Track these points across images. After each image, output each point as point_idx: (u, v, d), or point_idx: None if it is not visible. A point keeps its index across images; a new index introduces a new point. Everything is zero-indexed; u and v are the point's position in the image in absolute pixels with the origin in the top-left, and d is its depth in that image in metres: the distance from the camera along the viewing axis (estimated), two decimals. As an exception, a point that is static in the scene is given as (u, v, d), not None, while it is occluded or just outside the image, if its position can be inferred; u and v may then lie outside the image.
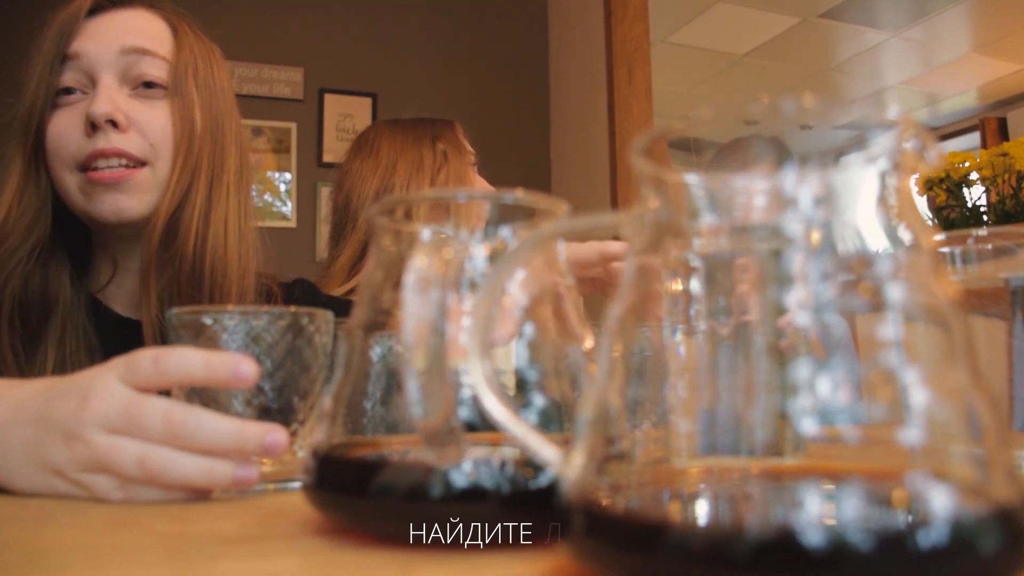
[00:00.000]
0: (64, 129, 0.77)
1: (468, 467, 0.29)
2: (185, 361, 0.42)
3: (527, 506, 0.29)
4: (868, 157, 0.22)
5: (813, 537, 0.18)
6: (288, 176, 2.79)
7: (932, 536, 0.18)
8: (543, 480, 0.29)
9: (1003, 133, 4.88)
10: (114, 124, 0.76)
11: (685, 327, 0.25)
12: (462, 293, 0.31)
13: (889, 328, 0.21)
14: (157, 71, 0.81)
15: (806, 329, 0.21)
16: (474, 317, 0.28)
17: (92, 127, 0.76)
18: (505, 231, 0.33)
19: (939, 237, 0.49)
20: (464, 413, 0.29)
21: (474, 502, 0.28)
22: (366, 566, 0.27)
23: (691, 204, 0.24)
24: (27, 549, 0.30)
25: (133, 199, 0.78)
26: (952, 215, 1.75)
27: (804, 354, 0.20)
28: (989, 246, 0.48)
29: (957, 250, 0.49)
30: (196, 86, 0.83)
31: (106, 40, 0.79)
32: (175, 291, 0.77)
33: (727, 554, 0.18)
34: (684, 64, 4.33)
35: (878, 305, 0.21)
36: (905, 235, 0.22)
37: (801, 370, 0.20)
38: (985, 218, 1.77)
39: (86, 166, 0.76)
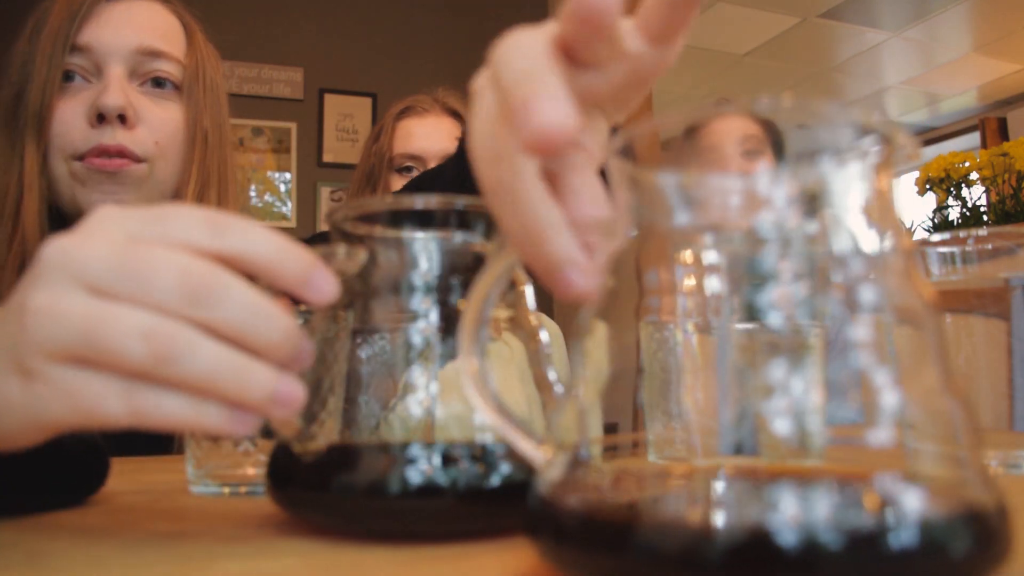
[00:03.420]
0: (69, 117, 0.75)
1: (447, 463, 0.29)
2: (252, 237, 0.29)
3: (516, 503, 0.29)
4: (844, 157, 0.22)
5: (785, 538, 0.18)
6: (288, 176, 2.79)
7: (904, 537, 0.18)
8: (526, 478, 0.29)
9: (1003, 133, 4.88)
10: (122, 119, 0.74)
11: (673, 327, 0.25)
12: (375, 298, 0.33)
13: (863, 329, 0.21)
14: (169, 71, 0.79)
15: (778, 330, 0.21)
16: (466, 316, 0.28)
17: (99, 118, 0.74)
18: (459, 236, 0.34)
19: (939, 237, 0.49)
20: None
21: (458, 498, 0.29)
22: (366, 566, 0.27)
23: (668, 204, 0.24)
24: (27, 549, 0.30)
25: (128, 193, 0.76)
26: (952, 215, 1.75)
27: (776, 355, 0.20)
28: (989, 246, 0.48)
29: (957, 250, 0.49)
30: (204, 90, 0.81)
31: (121, 33, 0.76)
32: None
33: (697, 558, 0.18)
34: (684, 64, 4.33)
35: (853, 306, 0.21)
36: (882, 235, 0.22)
37: (774, 371, 0.20)
38: (985, 218, 1.77)
39: (83, 157, 0.74)
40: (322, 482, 0.31)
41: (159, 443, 0.71)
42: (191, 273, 0.27)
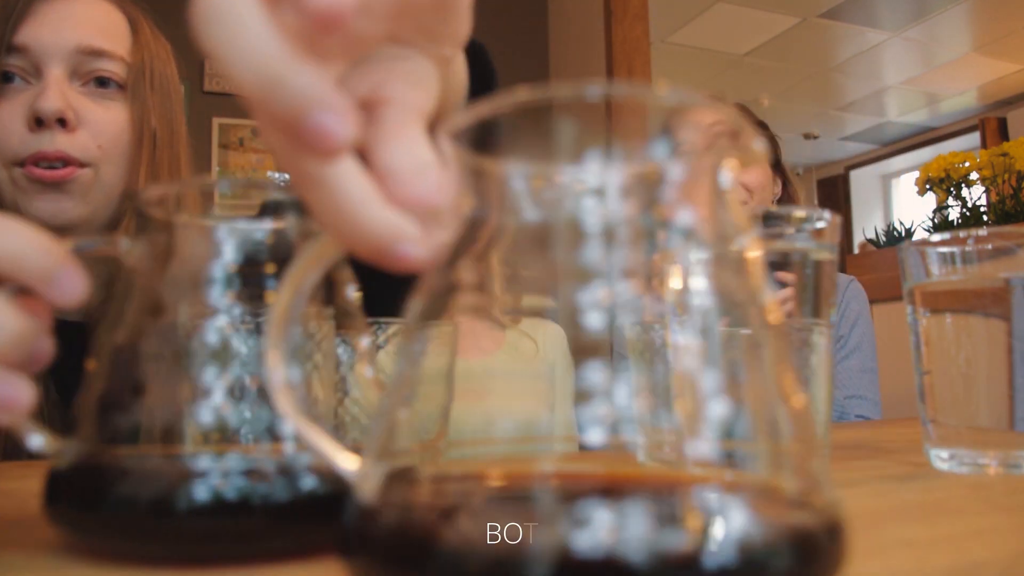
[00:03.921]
0: (7, 122, 0.71)
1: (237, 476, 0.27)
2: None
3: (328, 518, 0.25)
4: (681, 148, 0.21)
5: (590, 556, 0.17)
6: (288, 176, 2.79)
7: (719, 557, 0.17)
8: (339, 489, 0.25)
9: (1003, 133, 4.88)
10: (62, 122, 0.71)
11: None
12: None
13: (690, 334, 0.20)
14: (113, 69, 0.75)
15: (598, 331, 0.19)
16: (274, 311, 0.25)
17: (37, 122, 0.70)
18: (269, 222, 0.30)
19: (939, 237, 0.49)
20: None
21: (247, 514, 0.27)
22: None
23: (508, 199, 0.22)
24: (27, 549, 0.30)
25: (73, 201, 0.72)
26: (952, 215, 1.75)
27: (602, 360, 0.19)
28: (989, 246, 0.48)
29: (957, 250, 0.49)
30: (151, 87, 0.77)
31: (60, 32, 0.72)
32: None
33: (499, 574, 0.17)
34: (684, 64, 4.34)
35: (681, 308, 0.20)
36: (722, 232, 0.21)
37: (593, 375, 0.19)
38: (985, 218, 1.77)
39: (24, 163, 0.71)
40: (91, 498, 0.28)
41: None
42: None
